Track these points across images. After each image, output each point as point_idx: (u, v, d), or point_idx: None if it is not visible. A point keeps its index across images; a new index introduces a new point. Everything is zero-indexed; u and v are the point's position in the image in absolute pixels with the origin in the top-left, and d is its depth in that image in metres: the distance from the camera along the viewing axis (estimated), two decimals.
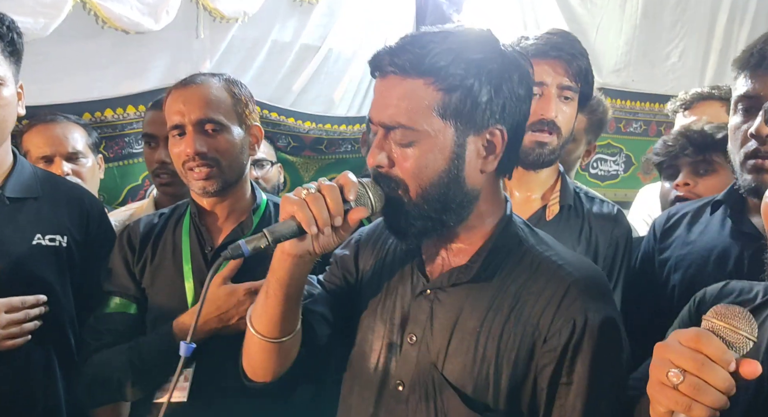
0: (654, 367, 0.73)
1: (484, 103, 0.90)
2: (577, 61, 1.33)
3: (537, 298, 0.92)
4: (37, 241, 1.36)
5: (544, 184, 1.43)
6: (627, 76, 3.32)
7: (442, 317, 0.96)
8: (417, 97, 0.89)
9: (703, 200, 1.38)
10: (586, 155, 2.00)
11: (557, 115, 1.32)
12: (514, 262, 0.96)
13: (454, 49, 0.89)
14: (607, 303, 0.94)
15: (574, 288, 0.91)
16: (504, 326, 0.92)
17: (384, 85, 0.92)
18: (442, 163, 0.91)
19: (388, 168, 0.93)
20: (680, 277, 1.26)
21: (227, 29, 2.25)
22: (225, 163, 1.32)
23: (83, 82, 2.00)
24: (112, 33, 2.00)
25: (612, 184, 3.43)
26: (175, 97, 1.34)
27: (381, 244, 1.10)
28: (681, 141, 1.66)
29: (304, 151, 2.65)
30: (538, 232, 1.03)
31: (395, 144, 0.92)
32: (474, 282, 0.95)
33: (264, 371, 1.02)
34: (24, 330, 1.29)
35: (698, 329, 0.73)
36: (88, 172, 1.84)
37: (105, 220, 1.52)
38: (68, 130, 1.84)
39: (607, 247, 1.38)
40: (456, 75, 0.88)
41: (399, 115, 0.90)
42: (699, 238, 1.29)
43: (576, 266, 0.95)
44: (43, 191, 1.41)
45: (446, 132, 0.90)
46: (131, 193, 2.19)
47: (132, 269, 1.37)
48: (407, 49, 0.90)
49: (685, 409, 0.70)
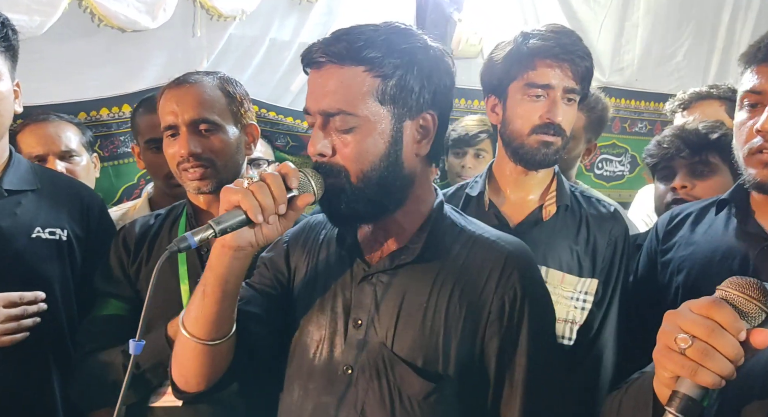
0: (662, 332, 0.73)
1: (418, 89, 0.96)
2: (584, 62, 1.31)
3: (478, 272, 1.00)
4: (36, 234, 1.35)
5: (540, 185, 1.41)
6: (631, 76, 3.28)
7: (388, 298, 1.00)
8: (356, 83, 0.93)
9: (707, 200, 1.35)
10: (587, 154, 1.97)
11: (563, 118, 1.31)
12: (452, 242, 1.03)
13: (387, 39, 0.95)
14: (536, 270, 1.06)
15: (511, 260, 1.00)
16: (449, 300, 0.98)
17: (320, 74, 0.95)
18: (382, 147, 0.96)
19: (330, 156, 0.95)
20: (684, 278, 1.24)
21: (225, 27, 2.23)
22: (220, 163, 1.31)
23: (79, 81, 1.99)
24: (108, 31, 1.98)
25: (617, 185, 3.40)
26: (168, 97, 1.32)
27: (312, 241, 1.11)
28: (676, 142, 1.62)
29: (303, 150, 2.63)
30: (466, 216, 1.10)
31: (335, 131, 0.95)
32: (417, 263, 1.00)
33: (198, 379, 0.99)
34: (22, 326, 1.28)
35: (711, 297, 0.73)
36: (82, 170, 1.83)
37: (105, 214, 1.52)
38: (61, 128, 1.83)
39: (605, 246, 1.37)
40: (392, 63, 0.94)
41: (339, 102, 0.93)
42: (703, 238, 1.26)
43: (507, 241, 1.04)
44: (42, 184, 1.41)
45: (385, 117, 0.95)
46: (127, 192, 2.17)
47: (127, 271, 1.36)
48: (342, 39, 0.94)
49: (690, 373, 0.70)
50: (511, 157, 1.38)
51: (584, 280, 1.35)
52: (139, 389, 1.26)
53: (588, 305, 1.34)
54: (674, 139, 1.64)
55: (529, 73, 1.30)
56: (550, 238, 1.35)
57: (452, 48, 2.80)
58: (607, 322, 1.35)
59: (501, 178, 1.43)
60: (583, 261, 1.35)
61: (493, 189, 1.43)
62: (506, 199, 1.41)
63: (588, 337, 1.34)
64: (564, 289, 1.34)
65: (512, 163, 1.38)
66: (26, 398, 1.34)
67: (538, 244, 1.33)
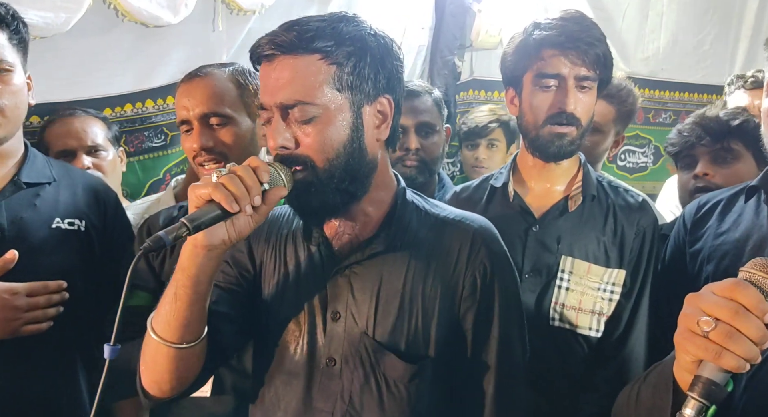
0: (684, 315, 0.71)
1: (374, 75, 0.96)
2: (594, 49, 1.28)
3: (447, 251, 1.02)
4: (56, 225, 1.38)
5: (566, 175, 1.39)
6: (656, 65, 3.21)
7: (364, 288, 1.01)
8: (311, 72, 0.92)
9: (736, 187, 1.32)
10: (615, 146, 1.95)
11: (576, 106, 1.29)
12: (418, 226, 1.04)
13: (336, 28, 0.94)
14: (501, 244, 1.07)
15: (477, 237, 1.03)
16: (424, 282, 1.00)
17: (273, 67, 0.94)
18: (345, 134, 0.95)
19: (293, 149, 0.94)
20: (713, 268, 1.21)
21: (245, 22, 2.24)
22: (233, 156, 1.31)
23: (103, 77, 2.01)
24: (130, 27, 1.99)
25: (640, 177, 3.34)
26: (181, 92, 1.34)
27: (275, 235, 1.10)
28: (696, 130, 1.61)
29: None
30: (427, 199, 1.11)
31: (295, 122, 0.94)
32: (388, 251, 1.01)
33: (172, 383, 0.98)
34: (47, 315, 1.30)
35: (734, 279, 0.71)
36: (108, 165, 1.85)
37: (120, 207, 1.53)
38: (88, 124, 1.85)
39: (633, 237, 1.35)
40: (345, 50, 0.93)
41: (296, 92, 0.92)
42: (733, 227, 1.23)
43: (471, 218, 1.06)
44: (59, 177, 1.43)
45: (344, 104, 0.95)
46: (153, 187, 2.19)
47: (152, 262, 1.37)
48: (293, 29, 0.93)
49: (714, 357, 0.68)
50: (529, 148, 1.37)
51: (611, 270, 1.33)
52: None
53: (616, 296, 1.32)
54: (695, 126, 1.62)
55: (538, 63, 1.30)
56: (576, 229, 1.34)
57: (471, 39, 2.77)
58: (638, 315, 1.33)
59: (524, 169, 1.42)
60: (610, 251, 1.33)
61: (518, 180, 1.42)
62: (530, 190, 1.40)
63: (617, 329, 1.32)
64: (590, 279, 1.32)
65: (532, 156, 1.37)
66: (51, 388, 1.36)
67: (563, 234, 1.32)
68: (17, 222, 1.33)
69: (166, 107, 2.16)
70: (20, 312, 1.27)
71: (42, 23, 1.78)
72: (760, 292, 0.69)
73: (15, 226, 1.32)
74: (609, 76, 1.36)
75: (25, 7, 1.68)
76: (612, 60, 1.34)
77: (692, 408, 0.70)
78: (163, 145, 2.21)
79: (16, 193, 1.35)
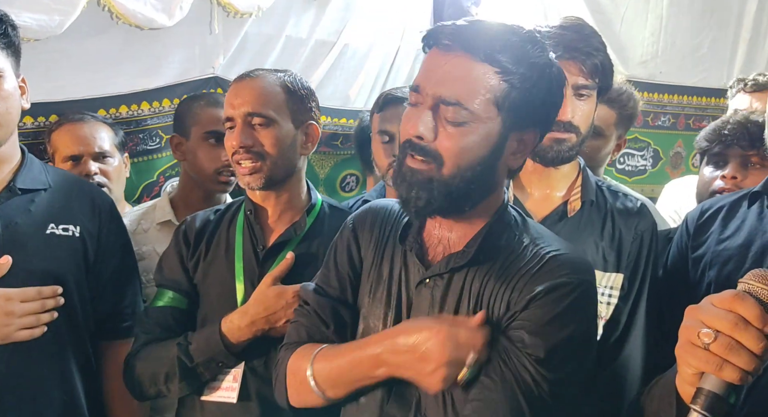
0: (684, 327, 0.71)
1: (537, 106, 0.94)
2: (592, 58, 1.28)
3: (518, 274, 0.96)
4: (50, 231, 1.37)
5: (565, 180, 1.39)
6: (654, 68, 3.21)
7: (445, 302, 0.99)
8: (483, 81, 0.91)
9: (739, 193, 1.31)
10: (617, 149, 1.94)
11: (574, 115, 1.29)
12: (506, 245, 1.00)
13: (523, 47, 0.92)
14: (586, 272, 0.97)
15: (552, 261, 0.95)
16: (494, 302, 0.96)
17: (448, 59, 0.92)
18: (485, 150, 0.93)
19: (430, 141, 0.92)
20: (716, 274, 1.20)
21: (241, 24, 2.23)
22: (271, 159, 1.32)
23: (98, 79, 2.00)
24: (125, 29, 1.98)
25: (639, 180, 3.33)
26: (231, 90, 1.36)
27: (379, 230, 1.09)
28: (738, 130, 1.58)
29: (320, 146, 2.61)
30: (527, 220, 1.07)
31: (444, 120, 0.92)
32: (470, 265, 0.98)
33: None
34: (40, 321, 1.29)
35: (733, 291, 0.70)
36: (114, 171, 1.85)
37: (115, 213, 1.52)
38: (95, 129, 1.85)
39: (631, 241, 1.33)
40: (522, 73, 0.91)
41: (460, 93, 0.91)
42: (736, 233, 1.22)
43: (561, 246, 0.99)
44: (54, 183, 1.42)
45: (496, 122, 0.93)
46: (147, 189, 2.19)
47: (186, 264, 1.38)
48: (481, 33, 0.92)
49: (715, 369, 0.67)
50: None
51: (609, 274, 1.32)
52: (192, 382, 1.28)
53: (614, 300, 1.31)
54: (737, 126, 1.59)
55: None
56: (575, 234, 1.33)
57: None
58: (636, 319, 1.32)
59: (524, 174, 1.41)
60: (608, 256, 1.32)
61: (517, 185, 1.41)
62: (530, 196, 1.40)
63: (615, 332, 1.31)
64: None
65: (531, 161, 1.36)
66: (47, 394, 1.35)
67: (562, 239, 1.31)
68: (11, 227, 1.32)
69: (162, 110, 2.15)
70: (14, 318, 1.26)
71: (36, 26, 1.77)
72: (759, 303, 0.68)
73: (9, 232, 1.32)
74: (609, 83, 1.35)
75: (19, 10, 1.67)
76: (612, 67, 1.34)
77: None
78: (158, 148, 2.19)
79: (11, 198, 1.34)
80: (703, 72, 3.31)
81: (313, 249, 1.36)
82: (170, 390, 1.29)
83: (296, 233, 1.36)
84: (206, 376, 1.28)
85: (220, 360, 1.27)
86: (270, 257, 1.34)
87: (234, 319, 1.26)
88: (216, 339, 1.25)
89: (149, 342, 1.32)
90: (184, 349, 1.27)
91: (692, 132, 3.27)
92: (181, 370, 1.26)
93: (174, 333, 1.32)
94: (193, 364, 1.26)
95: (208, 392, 1.30)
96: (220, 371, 1.29)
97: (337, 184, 2.77)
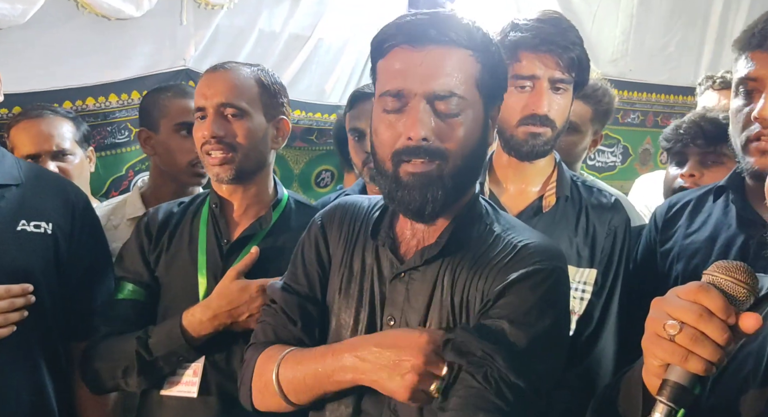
0: (650, 319, 0.72)
1: (500, 80, 0.98)
2: (569, 52, 1.28)
3: (491, 264, 0.96)
4: (21, 227, 1.33)
5: (540, 175, 1.39)
6: (624, 66, 3.27)
7: (419, 295, 0.98)
8: (464, 66, 0.92)
9: (704, 188, 1.35)
10: (593, 145, 1.96)
11: (550, 108, 1.29)
12: (477, 236, 1.00)
13: (472, 26, 0.94)
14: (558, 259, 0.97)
15: (524, 250, 0.95)
16: (468, 292, 0.96)
17: (423, 54, 0.91)
18: (477, 133, 0.95)
19: (434, 141, 0.91)
20: (683, 267, 1.23)
21: (212, 16, 2.19)
22: (242, 150, 1.31)
23: (63, 70, 1.94)
24: (92, 19, 1.93)
25: (609, 176, 3.39)
26: (204, 81, 1.35)
27: (348, 226, 1.08)
28: (693, 130, 1.62)
29: (295, 141, 2.59)
30: (498, 210, 1.07)
31: (441, 114, 0.91)
32: (441, 256, 0.98)
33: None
34: (8, 320, 1.25)
35: (698, 282, 0.71)
36: (75, 169, 1.79)
37: (90, 209, 1.48)
38: (54, 126, 1.77)
39: (605, 237, 1.34)
40: (489, 50, 0.95)
41: (451, 83, 0.91)
42: (702, 226, 1.25)
43: (540, 252, 0.96)
44: (26, 179, 1.38)
45: (480, 103, 0.95)
46: (115, 184, 2.13)
47: (147, 257, 1.36)
48: (443, 22, 0.92)
49: (680, 360, 0.68)
50: (504, 148, 1.37)
51: (583, 270, 1.33)
52: (151, 377, 1.27)
53: (587, 295, 1.33)
54: (693, 126, 1.63)
55: (514, 65, 1.29)
56: (550, 229, 1.33)
57: None
58: (609, 314, 1.33)
59: (499, 168, 1.42)
60: (582, 251, 1.34)
61: (494, 180, 1.42)
62: (505, 190, 1.40)
63: (589, 327, 1.33)
64: None
65: (507, 155, 1.37)
66: (16, 395, 1.31)
67: None
68: None
69: (131, 102, 2.10)
70: None
71: None
72: (723, 294, 0.70)
73: None
74: (585, 79, 1.36)
75: None
76: (588, 62, 1.34)
77: (661, 412, 0.70)
78: (126, 141, 2.14)
79: None
80: (671, 70, 3.38)
81: (278, 244, 1.34)
82: (128, 384, 1.27)
83: (261, 227, 1.35)
84: (166, 370, 1.27)
85: (181, 354, 1.25)
86: (234, 251, 1.33)
87: (196, 312, 1.24)
88: (177, 333, 1.24)
89: (108, 335, 1.30)
90: (143, 343, 1.25)
91: (660, 129, 3.31)
92: (140, 364, 1.24)
93: (134, 326, 1.29)
94: (153, 358, 1.24)
95: (167, 387, 1.28)
96: (180, 365, 1.27)
97: (312, 180, 2.76)
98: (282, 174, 2.63)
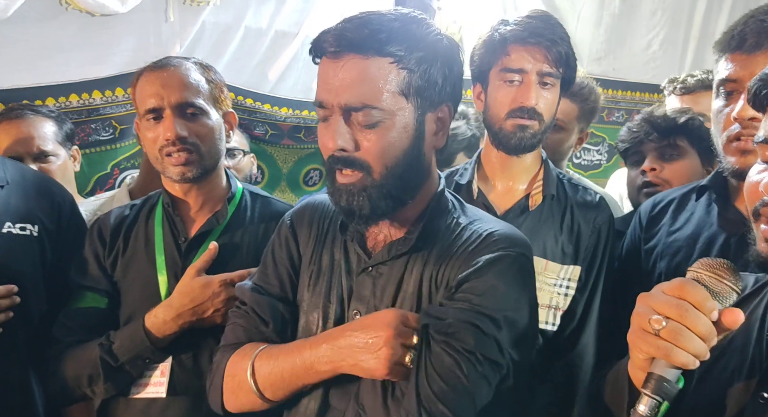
0: (636, 314, 0.74)
1: (441, 82, 0.95)
2: (557, 46, 1.30)
3: (457, 253, 0.97)
4: (7, 230, 1.31)
5: (527, 173, 1.41)
6: (608, 65, 3.30)
7: (386, 289, 0.99)
8: (382, 76, 0.90)
9: (688, 186, 1.37)
10: (579, 143, 1.98)
11: (537, 102, 1.31)
12: (445, 230, 1.01)
13: (408, 30, 0.91)
14: (522, 246, 0.98)
15: (489, 237, 0.97)
16: (435, 282, 0.97)
17: (339, 65, 0.90)
18: (406, 142, 0.94)
19: (352, 151, 0.92)
20: (666, 264, 1.25)
21: (198, 13, 2.17)
22: (204, 149, 1.30)
23: (47, 66, 1.91)
24: (76, 15, 1.91)
25: (595, 174, 3.43)
26: (151, 80, 1.29)
27: (317, 225, 1.09)
28: (645, 126, 1.67)
29: (283, 139, 2.58)
30: (465, 204, 1.08)
31: (358, 125, 0.91)
32: (411, 252, 0.99)
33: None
34: None
35: (682, 278, 0.73)
36: (57, 170, 1.76)
37: (76, 210, 1.47)
38: (35, 127, 1.73)
39: (589, 234, 1.37)
40: (417, 55, 0.91)
41: (364, 95, 0.90)
42: (685, 225, 1.27)
43: (502, 236, 0.97)
44: (11, 180, 1.36)
45: (409, 110, 0.93)
46: (100, 181, 2.11)
47: (103, 263, 1.33)
48: (364, 28, 0.90)
49: (665, 354, 0.70)
50: (492, 142, 1.38)
51: (567, 267, 1.35)
52: (118, 382, 1.25)
53: (571, 292, 1.35)
54: (643, 123, 1.68)
55: (503, 58, 1.31)
56: (536, 227, 1.35)
57: None
58: (591, 310, 1.36)
59: (488, 165, 1.43)
60: (566, 248, 1.35)
61: (482, 177, 1.43)
62: (494, 188, 1.42)
63: (572, 323, 1.35)
64: (547, 276, 1.34)
65: (495, 150, 1.38)
66: (2, 393, 1.30)
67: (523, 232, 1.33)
68: None
69: (116, 99, 2.08)
70: None
71: None
72: (707, 290, 0.72)
73: None
74: (572, 76, 1.37)
75: None
76: (576, 61, 1.36)
77: (645, 404, 0.72)
78: (111, 139, 2.12)
79: None
80: (655, 69, 3.41)
81: (236, 238, 1.34)
82: (95, 392, 1.24)
83: (218, 222, 1.34)
84: (133, 373, 1.25)
85: (147, 356, 1.23)
86: (193, 249, 1.32)
87: (159, 313, 1.23)
88: (140, 335, 1.22)
89: (70, 345, 1.27)
90: (106, 349, 1.23)
91: None
92: (105, 371, 1.22)
93: (96, 334, 1.27)
94: (119, 364, 1.22)
95: (135, 390, 1.26)
96: (147, 367, 1.26)
97: (300, 179, 2.75)
98: (270, 173, 2.62)
